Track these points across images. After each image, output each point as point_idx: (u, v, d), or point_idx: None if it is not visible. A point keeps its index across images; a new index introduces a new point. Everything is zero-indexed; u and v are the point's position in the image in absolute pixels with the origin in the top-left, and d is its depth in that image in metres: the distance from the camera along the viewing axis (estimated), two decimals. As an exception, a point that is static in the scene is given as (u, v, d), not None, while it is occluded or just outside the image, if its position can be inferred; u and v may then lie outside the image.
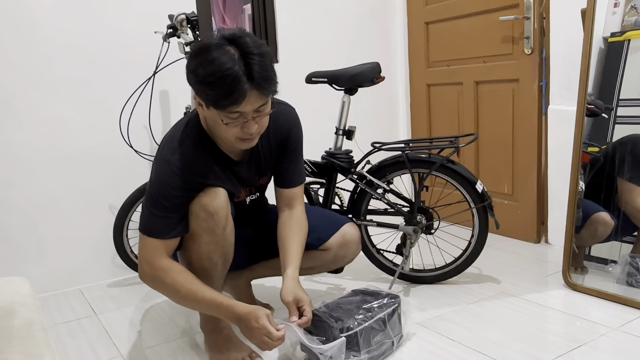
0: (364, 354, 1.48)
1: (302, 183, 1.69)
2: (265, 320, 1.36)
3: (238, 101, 1.30)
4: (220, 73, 1.28)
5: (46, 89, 2.23)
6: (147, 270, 1.45)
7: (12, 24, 2.14)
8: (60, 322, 2.01)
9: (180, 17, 2.14)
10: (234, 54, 1.30)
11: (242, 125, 1.37)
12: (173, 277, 1.42)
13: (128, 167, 2.39)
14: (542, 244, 2.55)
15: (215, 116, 1.36)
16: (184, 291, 1.41)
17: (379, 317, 1.53)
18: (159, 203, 1.43)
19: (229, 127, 1.37)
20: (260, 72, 1.30)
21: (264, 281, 2.13)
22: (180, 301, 1.46)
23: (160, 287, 1.46)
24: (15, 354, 0.86)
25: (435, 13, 2.93)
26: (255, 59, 1.30)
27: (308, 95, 2.34)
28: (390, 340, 1.57)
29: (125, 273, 2.41)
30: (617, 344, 1.58)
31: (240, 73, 1.28)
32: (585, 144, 1.99)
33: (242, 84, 1.28)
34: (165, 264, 1.43)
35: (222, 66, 1.28)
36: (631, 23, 1.95)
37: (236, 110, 1.32)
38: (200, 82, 1.31)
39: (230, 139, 1.41)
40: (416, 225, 2.00)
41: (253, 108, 1.34)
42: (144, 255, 1.45)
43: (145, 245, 1.45)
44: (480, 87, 2.75)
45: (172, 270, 1.43)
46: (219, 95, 1.29)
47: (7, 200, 2.20)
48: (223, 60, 1.28)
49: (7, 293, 1.05)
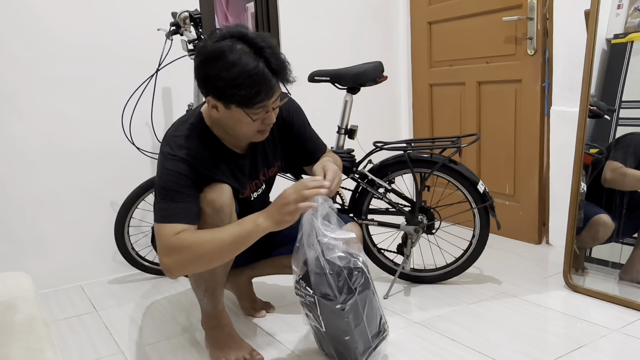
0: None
1: (326, 148, 1.77)
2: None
3: (269, 95, 1.36)
4: (247, 73, 1.31)
5: (48, 86, 2.23)
6: (166, 252, 1.38)
7: (14, 20, 2.15)
8: (61, 318, 2.02)
9: (184, 14, 2.14)
10: (249, 51, 1.33)
11: (264, 117, 1.42)
12: (191, 238, 1.37)
13: (130, 164, 2.39)
14: (543, 245, 2.55)
15: (238, 114, 1.39)
16: (207, 238, 1.36)
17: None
18: (169, 191, 1.41)
19: (253, 123, 1.41)
20: (278, 64, 1.35)
21: (264, 279, 2.14)
22: (211, 254, 1.37)
23: (185, 257, 1.37)
24: (17, 349, 0.86)
25: (439, 13, 2.93)
26: (269, 52, 1.34)
27: (310, 94, 2.34)
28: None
29: (126, 270, 2.41)
30: (617, 345, 1.58)
31: (265, 69, 1.33)
32: (587, 146, 1.99)
33: (269, 78, 1.34)
34: (178, 235, 1.37)
35: (247, 66, 1.31)
36: (634, 25, 1.95)
37: (262, 104, 1.37)
38: (228, 86, 1.33)
39: (250, 134, 1.46)
40: (417, 225, 2.00)
41: (274, 100, 1.41)
42: (161, 243, 1.39)
43: (161, 234, 1.39)
44: (483, 88, 2.75)
45: (186, 234, 1.38)
46: (250, 93, 1.33)
47: (9, 196, 2.20)
48: (245, 60, 1.32)
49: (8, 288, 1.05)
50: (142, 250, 2.31)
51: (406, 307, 1.92)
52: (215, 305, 1.62)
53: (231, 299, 2.01)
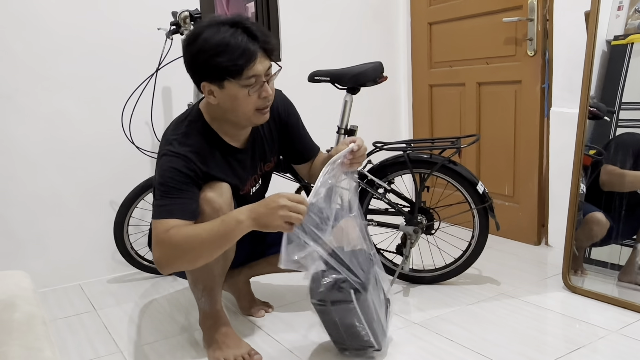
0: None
1: (319, 150, 1.80)
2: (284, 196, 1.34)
3: (252, 59, 1.38)
4: (226, 40, 1.37)
5: (49, 84, 2.23)
6: (156, 246, 1.39)
7: (15, 19, 2.15)
8: (60, 317, 2.01)
9: (184, 14, 2.14)
10: (229, 28, 1.39)
11: (259, 91, 1.43)
12: (179, 234, 1.36)
13: (129, 163, 2.39)
14: (542, 246, 2.55)
15: (233, 90, 1.41)
16: (192, 234, 1.36)
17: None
18: (167, 187, 1.42)
19: (249, 97, 1.42)
20: (260, 32, 1.41)
21: (262, 279, 2.14)
22: (200, 248, 1.37)
23: (172, 253, 1.38)
24: (16, 347, 0.86)
25: (439, 13, 2.93)
26: (250, 24, 1.41)
27: (310, 94, 2.34)
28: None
29: (125, 269, 2.41)
30: (616, 347, 1.58)
31: (244, 37, 1.38)
32: (587, 147, 1.99)
33: (249, 44, 1.38)
34: (169, 231, 1.37)
35: (224, 35, 1.37)
36: (634, 26, 1.95)
37: (252, 73, 1.39)
38: (212, 55, 1.37)
39: (250, 113, 1.46)
40: (416, 225, 2.00)
41: (264, 69, 1.42)
42: (153, 238, 1.40)
43: (154, 230, 1.40)
44: (483, 89, 2.75)
45: (175, 229, 1.37)
46: (233, 57, 1.36)
47: (9, 195, 2.20)
48: (223, 31, 1.38)
49: (7, 286, 1.04)
50: (141, 249, 2.31)
51: (405, 308, 1.92)
52: (214, 304, 1.62)
53: (229, 298, 2.01)
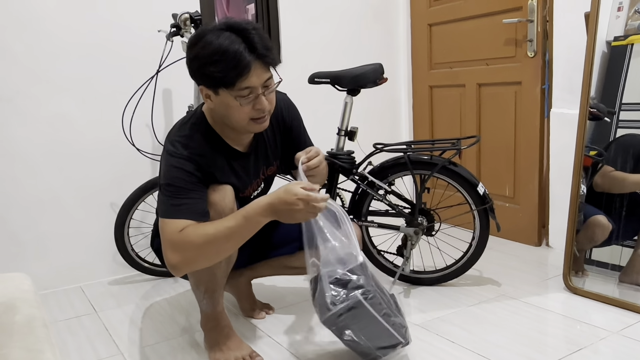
0: None
1: None
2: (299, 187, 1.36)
3: (245, 72, 1.35)
4: (222, 48, 1.34)
5: (49, 86, 2.24)
6: (171, 249, 1.38)
7: (16, 21, 2.15)
8: (61, 319, 2.01)
9: (184, 16, 2.15)
10: (231, 35, 1.36)
11: (254, 102, 1.41)
12: (195, 233, 1.36)
13: (130, 165, 2.39)
14: (543, 247, 2.55)
15: (226, 99, 1.40)
16: (212, 231, 1.36)
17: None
18: (174, 187, 1.41)
19: (242, 108, 1.40)
20: (260, 43, 1.37)
21: (264, 281, 2.14)
22: (216, 246, 1.38)
23: (192, 253, 1.37)
24: (16, 350, 0.86)
25: (439, 15, 2.93)
26: (252, 32, 1.37)
27: (310, 96, 2.34)
28: None
29: (126, 271, 2.41)
30: (617, 347, 1.58)
31: (241, 47, 1.35)
32: (587, 148, 1.99)
33: (245, 55, 1.35)
34: (183, 232, 1.37)
35: (222, 43, 1.35)
36: (634, 27, 1.95)
37: (246, 85, 1.37)
38: (205, 64, 1.36)
39: (243, 122, 1.44)
40: (417, 226, 2.00)
41: (261, 81, 1.39)
42: (165, 240, 1.39)
43: (165, 230, 1.40)
44: (483, 90, 2.75)
45: (190, 229, 1.37)
46: (226, 68, 1.34)
47: (9, 197, 2.20)
48: (222, 40, 1.35)
49: (8, 289, 1.05)
50: (142, 251, 2.31)
51: (406, 309, 1.92)
52: (215, 306, 1.62)
53: (231, 300, 2.01)
